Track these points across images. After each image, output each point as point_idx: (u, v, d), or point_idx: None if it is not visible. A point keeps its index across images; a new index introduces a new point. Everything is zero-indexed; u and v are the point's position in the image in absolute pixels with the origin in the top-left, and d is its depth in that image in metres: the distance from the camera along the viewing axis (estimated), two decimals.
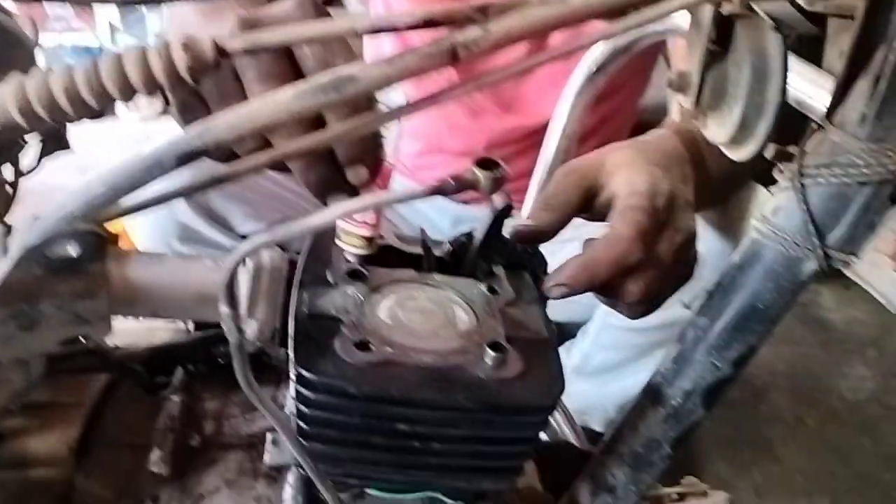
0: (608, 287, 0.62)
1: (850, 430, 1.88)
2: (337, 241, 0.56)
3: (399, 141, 0.51)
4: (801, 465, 1.76)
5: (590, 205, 0.67)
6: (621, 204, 0.64)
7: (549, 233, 0.63)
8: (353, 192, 0.50)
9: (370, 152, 0.50)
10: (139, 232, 1.23)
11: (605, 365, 1.35)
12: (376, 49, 1.29)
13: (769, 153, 0.53)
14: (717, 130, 0.53)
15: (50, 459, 0.57)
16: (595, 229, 0.64)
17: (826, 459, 1.78)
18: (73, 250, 0.35)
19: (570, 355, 1.42)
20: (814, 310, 2.34)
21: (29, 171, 0.55)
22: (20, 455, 0.56)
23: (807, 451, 1.80)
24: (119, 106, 3.46)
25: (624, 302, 0.64)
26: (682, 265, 0.68)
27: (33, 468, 0.56)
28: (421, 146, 1.37)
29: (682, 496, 0.77)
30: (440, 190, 0.37)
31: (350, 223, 0.54)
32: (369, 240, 0.55)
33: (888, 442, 1.85)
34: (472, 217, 1.36)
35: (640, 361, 1.30)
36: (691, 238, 0.68)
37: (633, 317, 0.67)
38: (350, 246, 0.56)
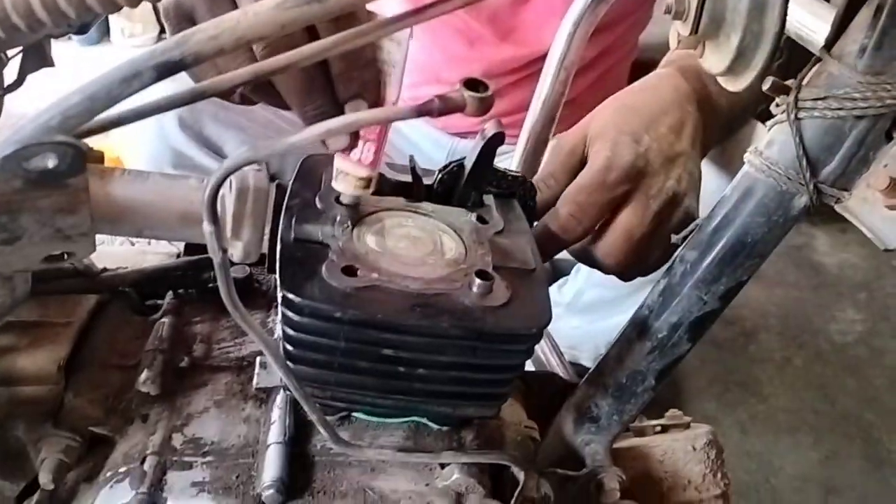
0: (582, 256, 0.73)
1: (836, 370, 1.91)
2: (334, 183, 0.54)
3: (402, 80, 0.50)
4: (786, 404, 1.79)
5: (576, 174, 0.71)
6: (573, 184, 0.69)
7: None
8: (353, 133, 0.49)
9: (371, 89, 0.49)
10: (132, 157, 1.22)
11: (597, 301, 1.36)
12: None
13: (766, 86, 0.52)
14: (714, 60, 0.52)
15: (39, 377, 0.57)
16: None
17: (811, 399, 1.81)
18: (50, 162, 0.34)
19: (563, 293, 1.43)
20: (808, 253, 2.34)
21: (12, 88, 0.54)
22: (9, 372, 0.56)
23: (792, 391, 1.83)
24: (114, 32, 3.40)
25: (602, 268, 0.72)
26: (667, 225, 0.69)
27: (22, 385, 0.56)
28: (417, 77, 1.34)
29: (665, 428, 0.78)
30: (426, 110, 0.36)
31: (348, 164, 0.53)
32: (367, 180, 0.54)
33: (872, 383, 1.88)
34: (467, 150, 1.35)
35: (631, 298, 1.30)
36: (673, 199, 0.69)
37: (623, 278, 0.75)
38: (346, 186, 0.54)
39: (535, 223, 0.69)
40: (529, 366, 0.70)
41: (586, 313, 1.39)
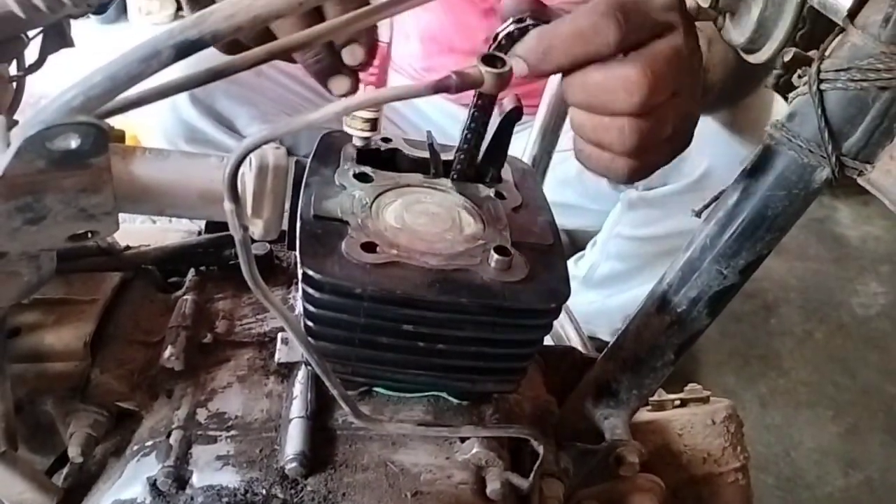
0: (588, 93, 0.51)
1: (858, 344, 1.89)
2: (343, 126, 0.56)
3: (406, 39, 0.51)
4: (806, 378, 1.78)
5: None
6: None
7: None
8: (352, 73, 0.51)
9: (365, 33, 0.50)
10: (148, 133, 1.24)
11: (612, 275, 1.36)
12: None
13: (787, 57, 0.51)
14: (735, 32, 0.52)
15: (66, 353, 0.58)
16: None
17: (832, 372, 1.80)
18: (73, 142, 0.35)
19: (578, 267, 1.43)
20: (830, 225, 2.32)
21: (33, 68, 0.54)
22: (36, 349, 0.57)
23: (813, 364, 1.82)
24: (131, 10, 3.40)
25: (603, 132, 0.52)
26: (676, 113, 0.54)
27: (49, 361, 0.58)
28: (430, 47, 1.33)
29: (684, 402, 0.79)
30: (444, 87, 0.36)
31: None
32: (373, 122, 0.55)
33: (894, 356, 1.86)
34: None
35: (644, 272, 1.30)
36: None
37: (621, 178, 0.55)
38: (354, 129, 0.56)
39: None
40: (548, 340, 0.70)
41: (601, 288, 1.39)
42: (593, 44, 0.47)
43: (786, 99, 0.52)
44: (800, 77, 0.51)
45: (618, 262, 1.35)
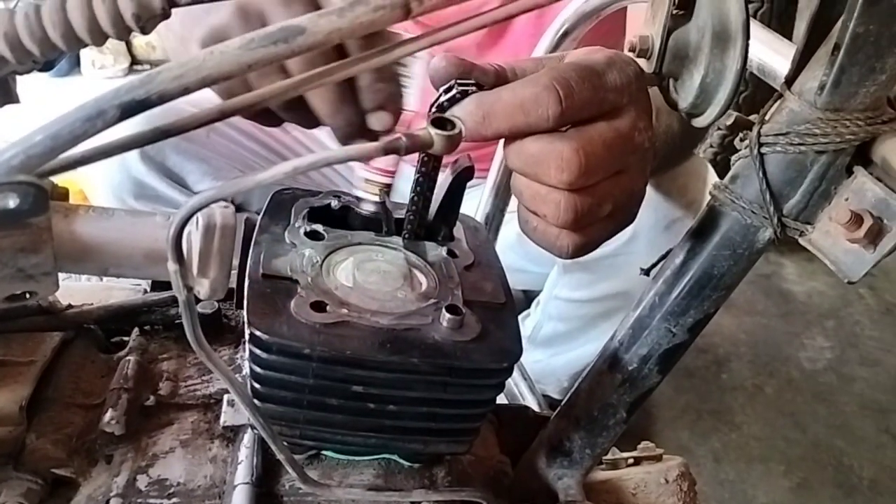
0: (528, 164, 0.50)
1: (807, 398, 1.92)
2: (355, 191, 0.59)
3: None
4: (758, 433, 1.80)
5: None
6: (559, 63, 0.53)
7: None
8: (374, 138, 0.52)
9: (394, 101, 0.53)
10: (95, 189, 1.21)
11: (555, 335, 1.38)
12: None
13: (729, 121, 0.53)
14: (679, 97, 0.53)
15: (0, 418, 0.56)
16: None
17: (782, 427, 1.82)
18: (11, 202, 0.34)
19: (525, 325, 1.44)
20: (777, 281, 2.37)
21: None
22: None
23: (764, 419, 1.84)
24: (85, 64, 3.38)
25: (542, 203, 0.51)
26: (620, 190, 0.53)
27: None
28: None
29: (637, 460, 0.78)
30: (393, 148, 0.36)
31: (370, 171, 0.57)
32: (388, 187, 0.58)
33: (842, 410, 1.89)
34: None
35: (587, 332, 1.32)
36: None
37: (565, 253, 0.54)
38: (370, 194, 0.58)
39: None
40: (501, 398, 0.69)
41: (545, 347, 1.40)
42: (532, 116, 0.47)
43: (716, 168, 0.53)
44: (741, 140, 0.53)
45: (559, 322, 1.36)
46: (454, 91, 0.48)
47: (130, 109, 0.33)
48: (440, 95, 0.49)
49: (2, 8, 0.36)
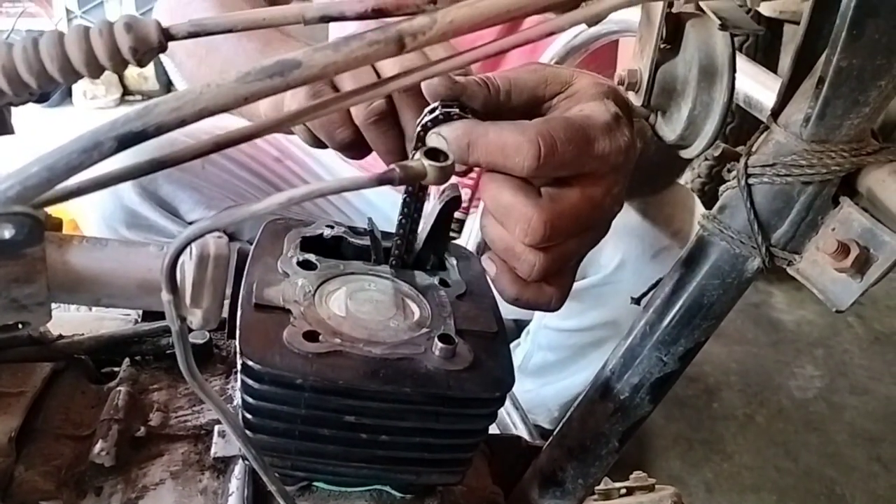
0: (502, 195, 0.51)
1: (798, 427, 1.92)
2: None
3: None
4: (749, 462, 1.79)
5: (540, 100, 0.56)
6: (563, 106, 0.55)
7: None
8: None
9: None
10: (87, 218, 1.21)
11: (544, 365, 1.38)
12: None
13: (717, 152, 0.54)
14: (667, 129, 0.54)
15: None
16: None
17: (774, 456, 1.82)
18: (7, 232, 0.34)
19: (515, 355, 1.44)
20: (766, 310, 2.38)
21: None
22: None
23: (755, 448, 1.84)
24: (76, 94, 3.39)
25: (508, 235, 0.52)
26: (583, 245, 0.56)
27: None
28: None
29: (630, 490, 0.78)
30: (387, 179, 0.37)
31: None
32: (461, 223, 0.61)
33: (833, 439, 1.89)
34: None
35: (577, 361, 1.32)
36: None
37: (553, 306, 0.56)
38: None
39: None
40: (493, 428, 0.69)
41: (536, 376, 1.40)
42: (510, 161, 0.49)
43: (703, 198, 0.54)
44: (728, 171, 0.53)
45: (549, 352, 1.36)
46: (437, 112, 0.50)
47: (127, 141, 0.33)
48: (424, 115, 0.51)
49: (1, 42, 0.36)
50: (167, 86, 3.65)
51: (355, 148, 0.60)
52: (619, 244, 1.15)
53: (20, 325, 0.42)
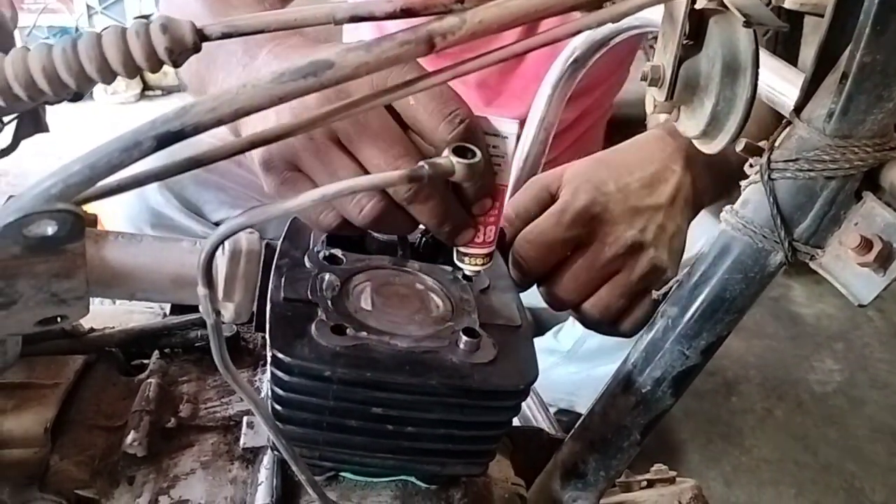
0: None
1: (817, 421, 1.92)
2: (457, 261, 0.59)
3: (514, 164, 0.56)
4: (768, 456, 1.79)
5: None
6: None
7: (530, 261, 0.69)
8: (474, 222, 0.56)
9: (492, 184, 0.55)
10: (112, 218, 1.22)
11: (599, 348, 1.36)
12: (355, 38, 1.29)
13: (740, 147, 0.54)
14: (690, 124, 0.55)
15: (25, 440, 0.56)
16: None
17: (793, 450, 1.82)
18: (50, 229, 0.35)
19: (560, 340, 1.43)
20: (785, 304, 2.38)
21: (5, 152, 0.55)
22: None
23: (774, 442, 1.83)
24: (97, 90, 3.43)
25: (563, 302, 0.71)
26: (629, 275, 0.70)
27: (8, 448, 0.56)
28: None
29: (650, 483, 0.79)
30: (417, 176, 0.38)
31: (472, 246, 0.58)
32: (489, 256, 0.58)
33: (852, 433, 1.89)
34: None
35: (633, 342, 1.30)
36: (633, 248, 0.70)
37: (590, 326, 0.74)
38: (471, 266, 0.58)
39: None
40: (515, 421, 0.70)
41: (587, 360, 1.38)
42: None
43: None
44: (751, 166, 0.54)
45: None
46: None
47: (166, 140, 0.34)
48: None
49: (42, 43, 0.38)
50: None
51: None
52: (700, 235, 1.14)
53: (59, 319, 0.43)
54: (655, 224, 0.71)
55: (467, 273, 0.60)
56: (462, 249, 0.58)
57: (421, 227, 0.60)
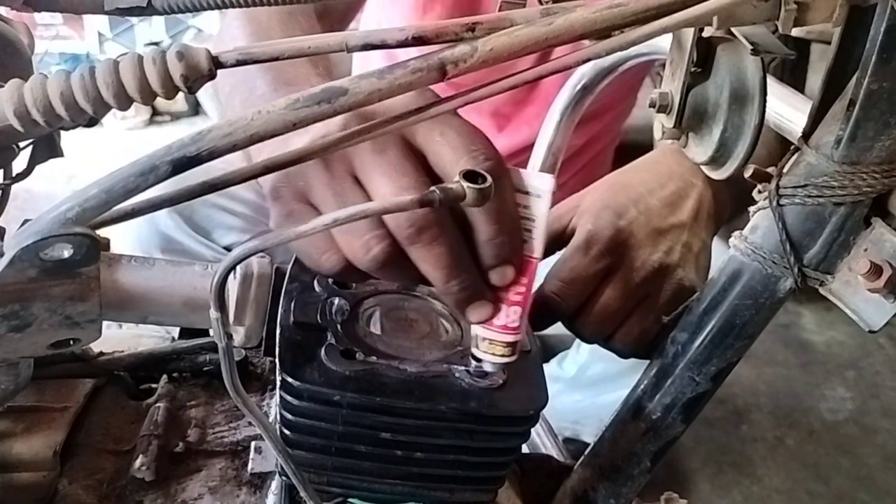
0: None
1: (829, 450, 1.90)
2: (475, 350, 0.51)
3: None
4: (780, 485, 1.77)
5: (565, 244, 0.70)
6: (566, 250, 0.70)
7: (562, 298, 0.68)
8: (494, 297, 0.48)
9: (517, 250, 0.47)
10: (121, 241, 1.23)
11: (603, 376, 1.35)
12: (365, 66, 1.30)
13: (748, 173, 0.54)
14: (698, 150, 0.55)
15: (34, 463, 0.57)
16: None
17: (805, 479, 1.80)
18: (66, 252, 0.35)
19: (564, 368, 1.42)
20: (796, 331, 2.36)
21: (20, 177, 0.56)
22: (4, 458, 0.56)
23: (786, 471, 1.81)
24: (107, 115, 3.46)
25: (592, 330, 0.70)
26: (657, 298, 0.69)
27: (17, 471, 0.56)
28: None
29: None
30: (428, 201, 0.38)
31: (492, 329, 0.49)
32: (513, 345, 0.50)
33: (865, 462, 1.86)
34: None
35: (636, 370, 1.29)
36: (660, 271, 0.69)
37: (627, 355, 0.74)
38: (492, 355, 0.50)
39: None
40: (524, 448, 0.70)
41: (591, 387, 1.37)
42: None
43: None
44: (759, 192, 0.54)
45: (610, 363, 1.34)
46: None
47: (181, 165, 0.35)
48: None
49: (60, 70, 0.38)
50: (195, 107, 3.72)
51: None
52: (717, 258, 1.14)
53: (71, 342, 0.43)
54: (680, 243, 0.70)
55: (486, 367, 0.52)
56: (480, 332, 0.50)
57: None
